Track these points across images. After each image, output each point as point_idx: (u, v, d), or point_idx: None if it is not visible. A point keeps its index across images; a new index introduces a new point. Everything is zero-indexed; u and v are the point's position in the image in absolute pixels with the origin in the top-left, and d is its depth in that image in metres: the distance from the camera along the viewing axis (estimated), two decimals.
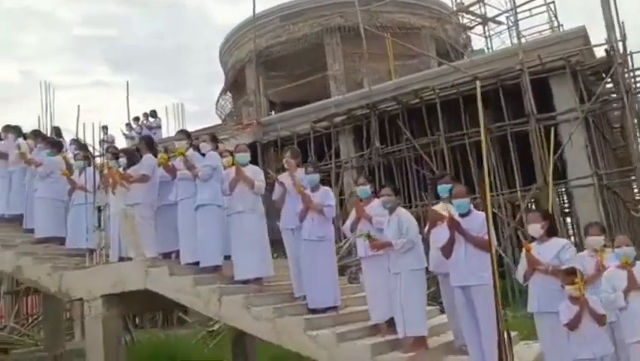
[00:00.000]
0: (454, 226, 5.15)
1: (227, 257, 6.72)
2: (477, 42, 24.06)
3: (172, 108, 18.73)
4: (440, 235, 5.34)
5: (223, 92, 28.12)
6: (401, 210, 5.64)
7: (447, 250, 5.25)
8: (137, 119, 17.03)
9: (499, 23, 22.52)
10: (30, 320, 18.53)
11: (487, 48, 22.01)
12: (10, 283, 20.99)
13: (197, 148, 7.13)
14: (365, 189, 6.05)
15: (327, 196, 6.28)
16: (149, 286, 6.28)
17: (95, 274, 6.71)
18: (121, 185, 7.26)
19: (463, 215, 5.26)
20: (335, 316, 5.99)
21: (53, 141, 8.81)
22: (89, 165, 8.45)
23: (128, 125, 17.04)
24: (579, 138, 13.29)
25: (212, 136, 7.14)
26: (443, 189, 5.88)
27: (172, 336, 10.90)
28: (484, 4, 21.31)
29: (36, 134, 9.20)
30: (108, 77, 68.30)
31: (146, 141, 7.32)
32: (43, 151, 8.71)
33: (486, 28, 22.70)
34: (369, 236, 5.56)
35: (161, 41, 67.21)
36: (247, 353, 8.40)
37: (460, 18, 23.45)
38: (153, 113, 16.41)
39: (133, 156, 7.67)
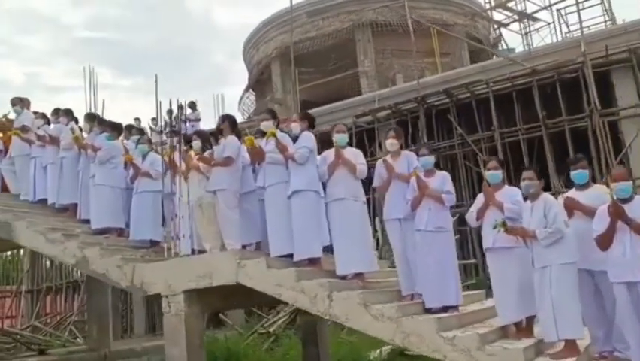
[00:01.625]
0: (618, 213, 4.47)
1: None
2: (510, 40, 23.29)
3: (212, 100, 18.02)
4: (595, 224, 4.67)
5: (246, 89, 27.49)
6: (547, 196, 4.95)
7: (605, 241, 4.58)
8: (170, 112, 16.29)
9: (537, 20, 21.95)
10: (56, 319, 17.89)
11: (525, 45, 21.37)
12: (30, 282, 20.43)
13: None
14: (496, 174, 5.35)
15: (445, 181, 5.59)
16: (242, 280, 5.59)
17: (177, 266, 6.01)
18: (197, 170, 6.59)
19: (624, 200, 4.58)
20: (459, 316, 5.30)
21: (114, 124, 8.12)
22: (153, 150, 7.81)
23: (154, 119, 16.32)
24: None
25: (305, 114, 6.45)
26: (580, 175, 5.22)
27: (221, 337, 10.19)
28: (524, 0, 20.72)
29: (91, 117, 8.50)
30: (111, 80, 67.87)
31: (229, 120, 6.63)
32: (102, 135, 8.04)
33: (522, 24, 22.17)
34: (504, 224, 4.88)
35: (165, 45, 66.51)
36: (320, 358, 7.74)
37: (493, 14, 22.86)
38: (192, 105, 15.63)
39: (207, 139, 7.02)
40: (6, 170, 9.32)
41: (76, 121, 8.87)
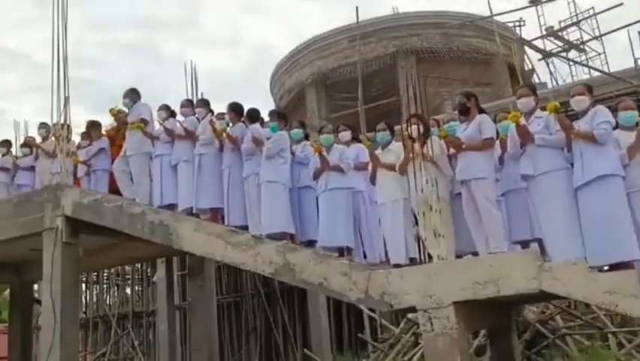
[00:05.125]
0: None
1: None
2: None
3: None
4: None
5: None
6: None
7: None
8: None
9: (583, 51, 21.55)
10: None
11: (574, 77, 20.86)
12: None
13: None
14: None
15: None
16: (549, 287, 4.35)
17: (442, 272, 4.72)
18: (429, 160, 5.38)
19: None
20: None
21: (280, 113, 6.87)
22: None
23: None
24: None
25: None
26: None
27: None
28: (580, 29, 20.29)
29: (235, 107, 7.10)
30: (81, 117, 66.63)
31: (475, 98, 5.47)
32: (257, 125, 6.79)
33: (568, 54, 21.77)
34: None
35: (138, 85, 65.08)
36: None
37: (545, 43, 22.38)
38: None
39: (427, 126, 5.85)
40: (120, 171, 7.92)
41: (212, 113, 7.60)
